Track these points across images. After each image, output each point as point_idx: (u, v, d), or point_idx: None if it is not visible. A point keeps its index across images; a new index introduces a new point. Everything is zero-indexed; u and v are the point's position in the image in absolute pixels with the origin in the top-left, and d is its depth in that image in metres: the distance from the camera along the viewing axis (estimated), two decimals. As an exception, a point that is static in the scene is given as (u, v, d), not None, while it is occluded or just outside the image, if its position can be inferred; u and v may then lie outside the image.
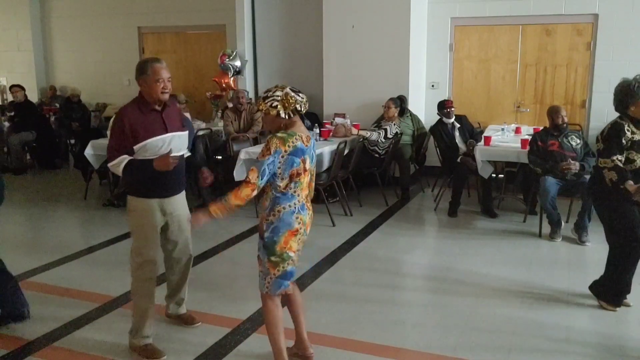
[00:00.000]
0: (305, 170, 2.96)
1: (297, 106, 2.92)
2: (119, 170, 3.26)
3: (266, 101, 2.91)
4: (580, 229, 5.39)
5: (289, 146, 2.87)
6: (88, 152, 6.74)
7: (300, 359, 3.30)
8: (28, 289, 4.24)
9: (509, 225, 6.00)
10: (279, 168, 2.90)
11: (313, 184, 3.15)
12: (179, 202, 3.56)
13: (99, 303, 4.12)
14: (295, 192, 2.95)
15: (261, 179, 2.83)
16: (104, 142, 6.90)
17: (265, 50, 9.04)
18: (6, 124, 9.14)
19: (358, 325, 3.76)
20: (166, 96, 3.29)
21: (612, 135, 3.81)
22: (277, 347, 3.05)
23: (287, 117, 2.92)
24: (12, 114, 9.14)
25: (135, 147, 3.23)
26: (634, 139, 3.79)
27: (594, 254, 5.02)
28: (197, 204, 6.79)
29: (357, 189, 6.88)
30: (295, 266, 3.05)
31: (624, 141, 3.77)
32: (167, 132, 3.30)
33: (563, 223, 5.60)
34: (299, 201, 2.97)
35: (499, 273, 4.69)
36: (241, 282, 4.72)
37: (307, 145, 2.96)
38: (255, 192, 2.85)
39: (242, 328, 3.73)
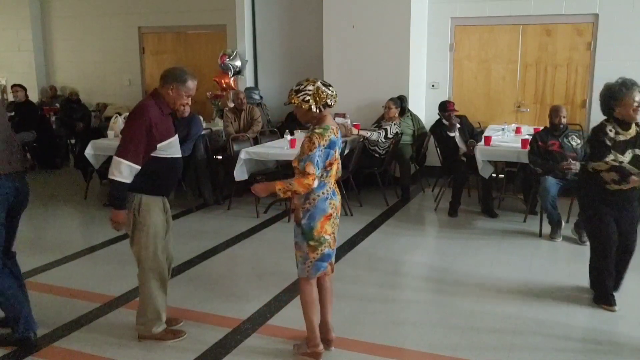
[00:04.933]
0: (335, 159, 3.16)
1: (328, 100, 3.10)
2: (115, 175, 3.21)
3: (298, 95, 3.08)
4: (580, 228, 5.38)
5: (326, 140, 3.05)
6: (88, 152, 6.75)
7: (322, 341, 3.37)
8: (28, 289, 4.23)
9: (509, 225, 6.00)
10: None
11: (340, 167, 3.32)
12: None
13: (99, 303, 4.12)
14: (327, 180, 3.15)
15: (318, 169, 3.04)
16: (104, 142, 6.91)
17: (265, 50, 9.05)
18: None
19: (358, 324, 3.76)
20: (181, 109, 3.44)
21: (593, 139, 3.90)
22: (311, 325, 3.26)
23: (318, 111, 3.09)
24: (13, 113, 9.14)
25: (159, 145, 3.31)
26: (618, 139, 3.82)
27: (594, 254, 5.02)
28: (198, 204, 6.81)
29: (357, 189, 6.88)
30: (332, 248, 3.25)
31: (607, 141, 3.80)
32: (175, 134, 3.46)
33: (563, 223, 5.59)
34: (330, 188, 3.17)
35: (499, 273, 4.69)
36: (241, 282, 4.72)
37: (337, 137, 3.14)
38: (316, 182, 3.05)
39: (242, 328, 3.73)
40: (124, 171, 3.21)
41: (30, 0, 11.25)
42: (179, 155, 3.51)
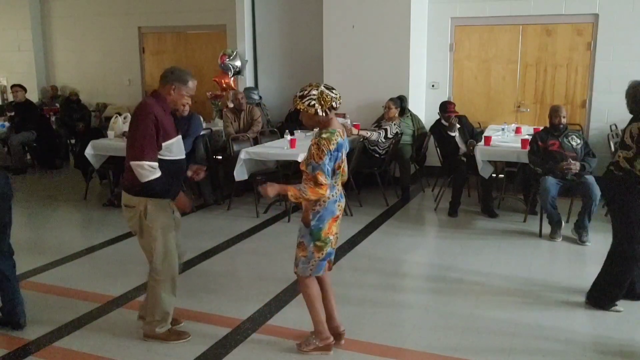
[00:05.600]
0: (342, 161, 3.20)
1: (333, 103, 3.14)
2: (147, 176, 3.23)
3: (303, 100, 3.11)
4: (580, 228, 5.38)
5: (333, 144, 3.09)
6: (88, 152, 6.75)
7: (332, 336, 3.41)
8: (28, 289, 4.24)
9: (509, 225, 5.99)
10: None
11: (346, 169, 3.35)
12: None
13: (99, 303, 4.12)
14: (335, 182, 3.21)
15: (329, 177, 3.09)
16: (104, 142, 6.91)
17: (265, 50, 9.04)
18: (6, 124, 9.15)
19: (359, 325, 3.76)
20: (182, 109, 3.44)
21: None
22: (318, 318, 3.34)
23: (324, 114, 3.12)
24: (13, 113, 9.15)
25: (164, 144, 3.30)
26: None
27: (594, 254, 5.02)
28: (198, 203, 6.81)
29: (357, 189, 6.88)
30: (333, 247, 3.31)
31: None
32: (177, 134, 3.45)
33: (563, 223, 5.59)
34: (338, 190, 3.24)
35: (499, 273, 4.69)
36: (241, 282, 4.72)
37: (343, 139, 3.20)
38: (328, 191, 3.12)
39: (242, 328, 3.73)
40: (150, 169, 3.22)
41: (30, 0, 11.25)
42: (183, 156, 3.50)
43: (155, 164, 3.25)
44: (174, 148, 3.38)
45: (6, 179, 3.61)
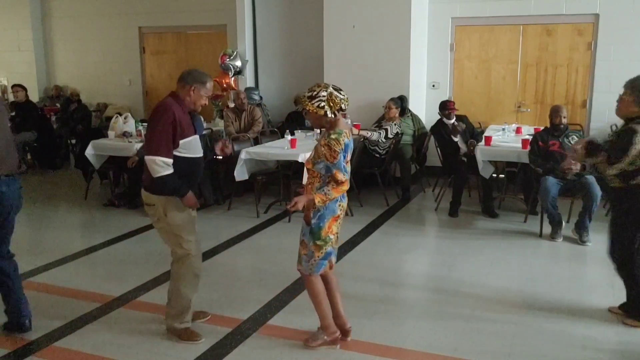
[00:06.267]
0: (347, 162, 3.21)
1: (342, 105, 3.18)
2: (159, 172, 3.29)
3: (313, 102, 3.13)
4: (581, 229, 5.38)
5: (341, 144, 3.12)
6: (89, 152, 6.75)
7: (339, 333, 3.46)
8: (28, 289, 4.23)
9: (509, 225, 5.99)
10: None
11: (349, 169, 3.38)
12: None
13: (99, 303, 4.12)
14: None
15: (346, 174, 3.18)
16: (104, 142, 6.91)
17: (265, 50, 9.04)
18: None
19: (359, 325, 3.75)
20: (200, 109, 3.55)
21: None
22: (323, 313, 3.39)
23: (333, 116, 3.14)
24: (13, 114, 9.14)
25: (181, 142, 3.36)
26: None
27: (595, 254, 5.01)
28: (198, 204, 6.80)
29: (357, 189, 6.87)
30: (334, 247, 3.34)
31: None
32: (195, 133, 3.51)
33: (564, 223, 5.59)
34: None
35: (499, 273, 4.69)
36: (241, 282, 4.72)
37: (349, 139, 3.22)
38: (348, 185, 3.22)
39: (242, 328, 3.72)
40: (163, 164, 3.29)
41: (30, 0, 11.26)
42: (200, 154, 3.56)
43: (169, 160, 3.31)
44: (191, 146, 3.44)
45: (19, 188, 3.63)
